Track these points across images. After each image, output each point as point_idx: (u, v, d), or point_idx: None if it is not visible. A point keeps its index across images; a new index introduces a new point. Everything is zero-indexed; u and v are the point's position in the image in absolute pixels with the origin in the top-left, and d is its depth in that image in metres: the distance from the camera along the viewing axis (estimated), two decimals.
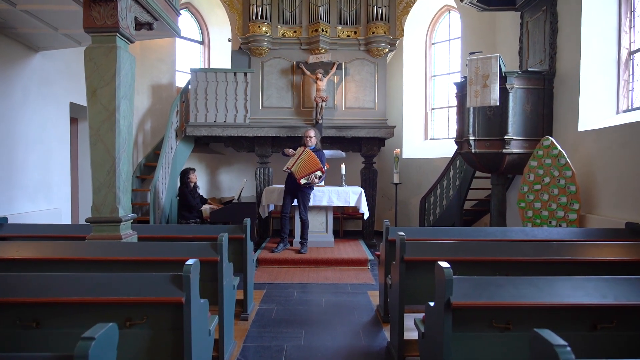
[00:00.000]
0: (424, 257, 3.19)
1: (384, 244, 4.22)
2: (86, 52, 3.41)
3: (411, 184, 9.23)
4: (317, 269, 6.41)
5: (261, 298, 5.01)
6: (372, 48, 7.96)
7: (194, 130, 7.90)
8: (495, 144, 6.04)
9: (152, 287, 2.24)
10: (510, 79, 5.86)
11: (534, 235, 4.19)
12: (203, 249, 3.19)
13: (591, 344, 2.22)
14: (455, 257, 3.20)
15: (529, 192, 5.61)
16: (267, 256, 6.62)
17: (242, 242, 4.20)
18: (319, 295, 5.18)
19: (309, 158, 6.48)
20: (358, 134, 7.99)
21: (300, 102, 8.06)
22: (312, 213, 7.29)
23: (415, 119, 9.73)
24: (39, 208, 5.50)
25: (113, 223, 3.45)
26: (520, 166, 5.99)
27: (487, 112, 6.10)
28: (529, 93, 6.02)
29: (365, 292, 5.32)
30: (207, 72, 7.99)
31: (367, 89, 8.09)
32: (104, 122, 3.41)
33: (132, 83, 3.60)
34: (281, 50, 8.04)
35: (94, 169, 3.43)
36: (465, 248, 3.29)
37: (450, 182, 7.90)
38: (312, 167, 6.45)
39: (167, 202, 7.62)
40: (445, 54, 9.59)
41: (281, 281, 5.75)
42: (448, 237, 4.12)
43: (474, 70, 5.93)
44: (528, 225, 5.64)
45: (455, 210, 7.70)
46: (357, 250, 7.07)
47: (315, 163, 6.45)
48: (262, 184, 8.16)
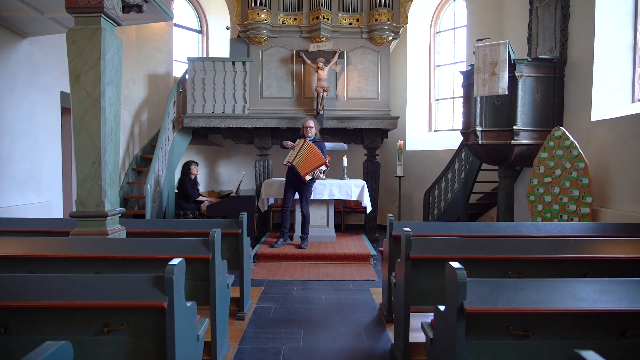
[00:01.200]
0: (431, 254, 2.96)
1: (387, 240, 3.99)
2: (69, 34, 3.18)
3: (415, 177, 8.99)
4: (318, 264, 6.20)
5: (259, 295, 4.80)
6: (375, 36, 7.69)
7: (191, 121, 7.67)
8: (504, 135, 5.80)
9: (132, 289, 2.02)
10: (519, 67, 5.60)
11: (547, 230, 3.96)
12: (194, 246, 2.97)
13: (619, 352, 2.00)
14: (465, 254, 2.97)
15: (538, 185, 5.38)
16: (266, 251, 6.41)
17: (238, 237, 3.98)
18: (319, 292, 4.97)
19: (311, 152, 6.25)
20: (360, 125, 7.74)
21: (301, 92, 7.81)
22: (313, 207, 7.07)
23: (419, 110, 9.48)
24: (28, 201, 5.29)
25: (99, 218, 3.23)
26: (529, 158, 5.76)
27: (495, 101, 5.86)
28: (538, 81, 5.76)
29: (367, 289, 5.10)
30: (204, 61, 7.74)
31: (370, 79, 7.83)
32: (89, 110, 3.18)
33: (118, 68, 3.37)
34: (281, 38, 7.77)
35: (78, 160, 3.21)
36: (475, 245, 3.07)
37: (456, 174, 7.66)
38: (316, 162, 6.22)
39: (164, 195, 7.40)
40: (450, 43, 9.31)
41: (280, 277, 5.53)
42: (456, 233, 3.89)
43: (482, 57, 5.67)
44: (538, 219, 5.41)
45: (460, 203, 7.46)
46: (360, 245, 6.85)
47: (319, 158, 6.22)
48: (262, 177, 7.93)
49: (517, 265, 3.00)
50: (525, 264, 3.00)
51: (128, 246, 2.99)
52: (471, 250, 3.02)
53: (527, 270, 2.99)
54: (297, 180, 6.41)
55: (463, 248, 3.02)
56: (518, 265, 3.00)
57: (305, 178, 6.25)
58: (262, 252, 6.38)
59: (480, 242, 3.09)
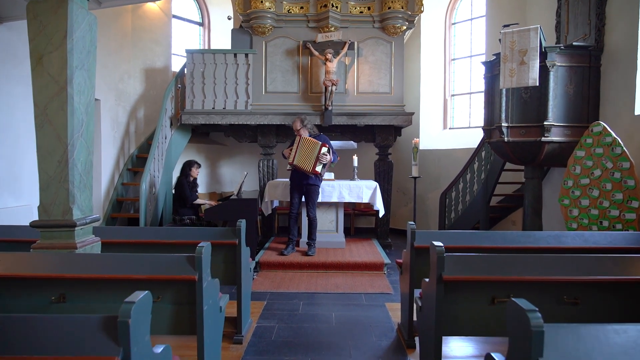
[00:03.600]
0: (469, 276, 2.40)
1: (408, 251, 3.43)
2: (29, 7, 2.65)
3: (429, 178, 8.40)
4: (327, 273, 5.65)
5: (260, 312, 4.25)
6: (387, 25, 7.10)
7: (190, 118, 7.14)
8: (532, 132, 5.22)
9: (78, 339, 1.48)
10: (551, 56, 5.02)
11: (595, 241, 3.39)
12: (177, 264, 2.43)
13: None
14: (510, 276, 2.41)
15: (574, 187, 4.79)
16: (270, 259, 5.87)
17: (234, 248, 3.43)
18: (328, 308, 4.42)
19: (305, 143, 5.78)
20: (372, 121, 7.17)
21: (308, 86, 7.25)
22: (321, 210, 6.52)
23: (433, 106, 8.89)
24: (5, 205, 4.77)
25: (65, 228, 2.69)
26: (560, 157, 5.18)
27: (523, 94, 5.28)
28: (572, 72, 5.18)
29: (382, 304, 4.54)
30: (204, 54, 7.21)
31: (382, 72, 7.25)
32: (53, 98, 2.65)
33: (91, 50, 2.83)
34: (286, 28, 7.21)
35: (41, 159, 2.68)
36: (521, 263, 2.50)
37: (475, 175, 7.08)
38: (315, 149, 5.73)
39: (160, 197, 6.88)
40: (466, 35, 8.72)
41: (285, 290, 4.99)
42: (489, 244, 3.33)
43: (509, 45, 5.09)
44: (573, 225, 4.82)
45: (480, 206, 6.88)
46: (372, 252, 6.29)
47: (314, 143, 5.75)
48: (266, 178, 7.39)
49: (572, 289, 2.43)
50: (582, 287, 2.43)
51: (98, 264, 2.45)
52: (517, 270, 2.45)
53: (585, 295, 2.42)
54: (302, 182, 5.89)
55: (507, 268, 2.46)
56: (574, 289, 2.43)
57: (317, 170, 5.74)
58: (266, 259, 5.84)
59: (527, 260, 2.52)
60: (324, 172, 5.89)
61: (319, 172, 5.77)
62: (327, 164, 5.87)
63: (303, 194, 6.02)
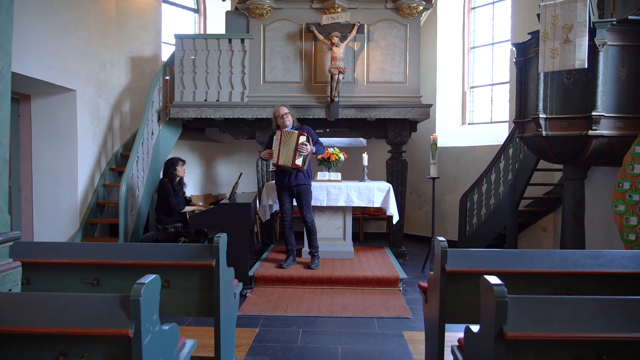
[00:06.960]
0: (542, 335, 1.58)
1: (439, 277, 2.62)
2: None
3: (446, 178, 7.56)
4: (332, 290, 4.85)
5: (249, 344, 3.45)
6: (401, 5, 6.26)
7: (180, 112, 6.36)
8: (577, 124, 4.38)
9: None
10: (600, 32, 4.18)
11: None
12: (109, 309, 1.64)
13: None
14: (594, 333, 1.60)
15: (631, 190, 3.95)
16: (267, 272, 5.08)
17: (210, 271, 2.63)
18: (333, 338, 3.61)
19: (285, 135, 4.98)
20: (384, 114, 6.34)
21: (312, 75, 6.44)
22: (326, 216, 5.73)
23: (450, 99, 8.06)
24: None
25: None
26: (609, 154, 4.34)
27: (565, 80, 4.44)
28: (624, 52, 4.33)
29: (399, 332, 3.74)
30: (195, 39, 6.42)
31: (396, 58, 6.42)
32: None
33: (6, 21, 2.03)
34: (287, 9, 6.40)
35: None
36: (608, 309, 1.69)
37: (501, 175, 6.23)
38: (293, 140, 4.94)
39: (144, 201, 6.12)
40: (487, 21, 7.87)
41: (282, 312, 4.19)
42: (547, 268, 2.52)
43: (551, 20, 4.25)
44: (630, 236, 3.99)
45: (507, 211, 6.02)
46: (384, 264, 5.47)
47: (290, 132, 4.98)
48: (265, 178, 6.60)
49: None
50: None
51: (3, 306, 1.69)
52: (603, 319, 1.64)
53: None
54: (291, 183, 5.11)
55: (588, 316, 1.65)
56: None
57: (297, 164, 4.91)
58: (262, 273, 5.05)
59: (617, 305, 1.71)
60: (305, 166, 5.06)
61: (300, 166, 4.93)
62: (308, 155, 5.04)
63: (294, 197, 5.22)
